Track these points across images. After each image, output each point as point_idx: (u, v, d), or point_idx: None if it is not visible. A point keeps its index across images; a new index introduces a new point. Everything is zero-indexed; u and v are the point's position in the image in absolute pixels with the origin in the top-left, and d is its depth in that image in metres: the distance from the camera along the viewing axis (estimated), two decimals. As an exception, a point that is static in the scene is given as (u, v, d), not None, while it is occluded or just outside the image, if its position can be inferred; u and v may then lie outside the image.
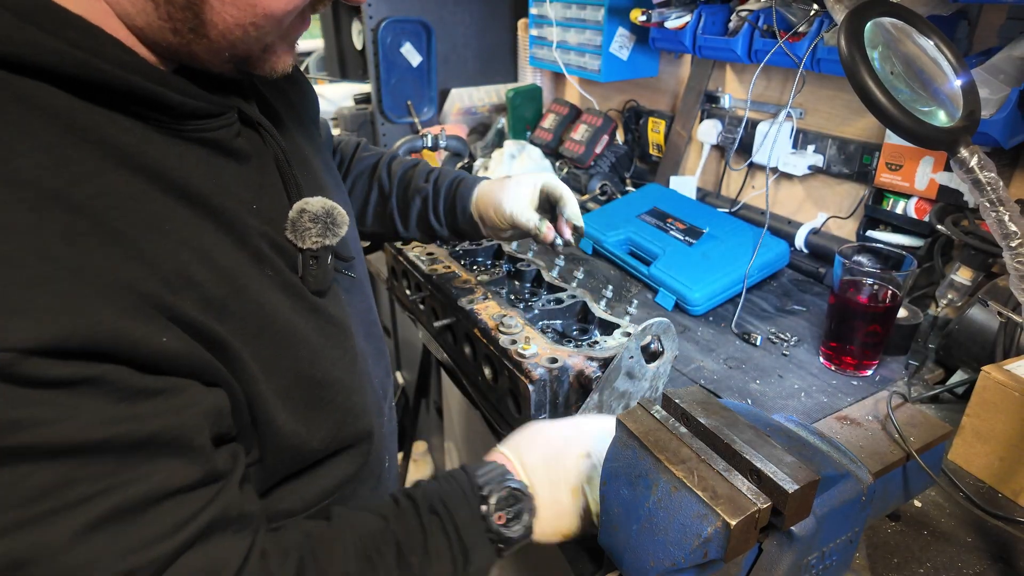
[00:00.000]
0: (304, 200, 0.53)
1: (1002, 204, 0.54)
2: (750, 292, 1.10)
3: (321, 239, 0.52)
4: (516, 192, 0.78)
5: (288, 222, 0.51)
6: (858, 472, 0.55)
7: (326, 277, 0.54)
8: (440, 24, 1.74)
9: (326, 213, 0.52)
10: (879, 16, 0.58)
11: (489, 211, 0.79)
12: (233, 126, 0.50)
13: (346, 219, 0.54)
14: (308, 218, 0.51)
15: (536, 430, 0.59)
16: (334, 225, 0.53)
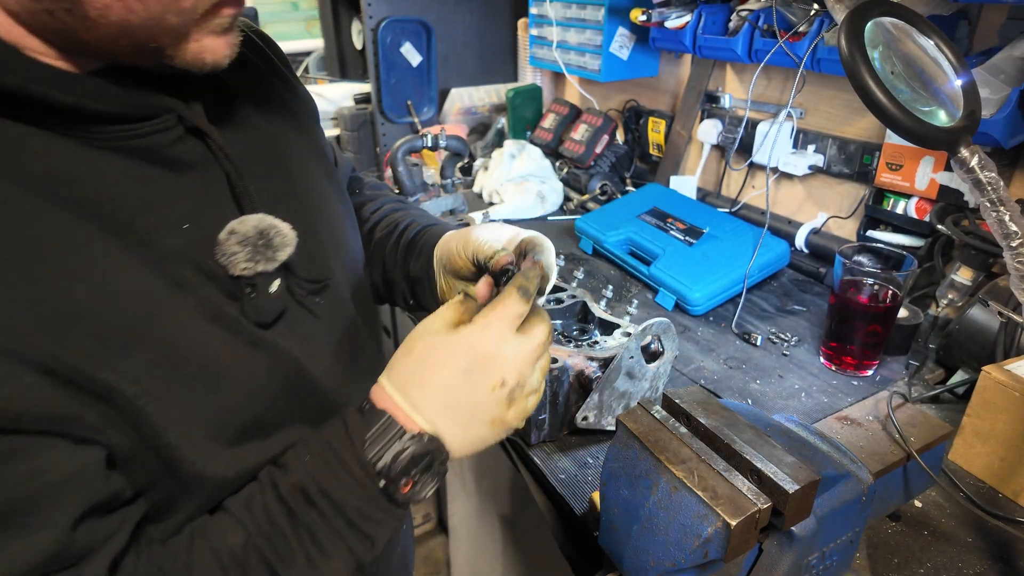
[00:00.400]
0: (240, 219, 0.46)
1: (1002, 204, 0.54)
2: (750, 292, 1.10)
3: (251, 265, 0.45)
4: (493, 230, 0.62)
5: (217, 244, 0.45)
6: (858, 472, 0.55)
7: (270, 307, 0.47)
8: (440, 24, 1.74)
9: (259, 235, 0.45)
10: (879, 16, 0.58)
11: (451, 247, 0.63)
12: (170, 131, 0.44)
13: (290, 240, 0.47)
14: (236, 240, 0.44)
15: (420, 359, 0.46)
16: (269, 248, 0.46)
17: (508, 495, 1.09)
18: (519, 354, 0.46)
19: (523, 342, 0.47)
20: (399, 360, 0.47)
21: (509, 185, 1.50)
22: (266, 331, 0.47)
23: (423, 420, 0.45)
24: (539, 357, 0.48)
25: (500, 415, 0.47)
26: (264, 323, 0.47)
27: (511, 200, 1.46)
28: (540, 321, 0.48)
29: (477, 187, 1.61)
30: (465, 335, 0.46)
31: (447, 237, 0.66)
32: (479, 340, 0.46)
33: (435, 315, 0.48)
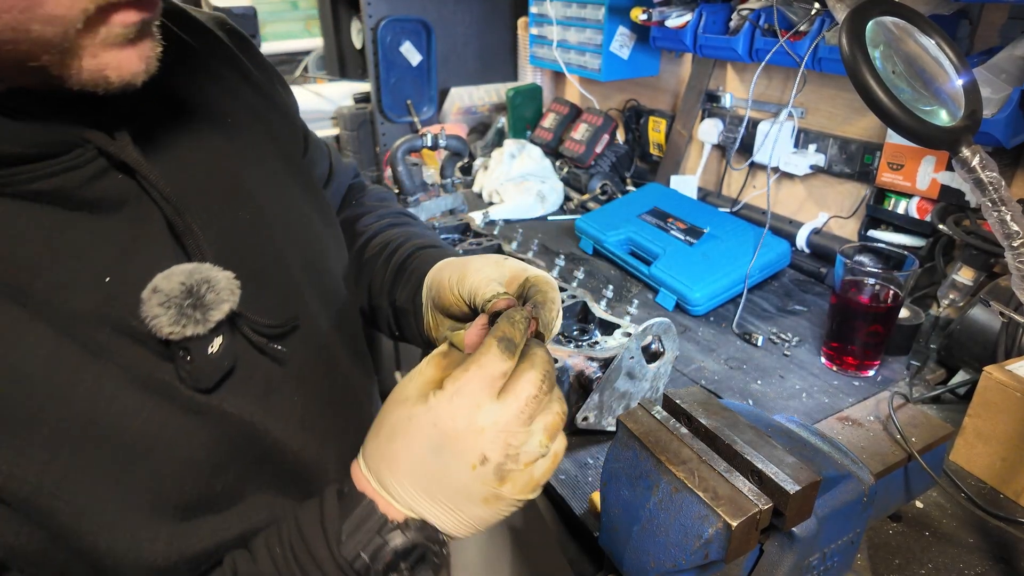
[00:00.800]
0: (167, 272, 0.39)
1: (1004, 204, 0.54)
2: (751, 292, 1.10)
3: (177, 328, 0.38)
4: (494, 265, 0.52)
5: (140, 303, 0.38)
6: (859, 473, 0.55)
7: (209, 369, 0.40)
8: (440, 23, 1.74)
9: (186, 293, 0.38)
10: (880, 15, 0.58)
11: (443, 279, 0.54)
12: (84, 168, 0.37)
13: (229, 295, 0.40)
14: (158, 302, 0.37)
15: (391, 435, 0.40)
16: (199, 308, 0.39)
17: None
18: (499, 423, 0.38)
19: (504, 407, 0.38)
20: (372, 435, 0.41)
21: (509, 185, 1.49)
22: (208, 395, 0.41)
23: (403, 507, 0.39)
24: (533, 416, 0.39)
25: (493, 493, 0.39)
26: (204, 388, 0.41)
27: (511, 200, 1.46)
28: (529, 369, 0.39)
29: (477, 187, 1.61)
30: (432, 406, 0.38)
31: (441, 266, 0.56)
32: (446, 413, 0.38)
33: (412, 375, 0.42)
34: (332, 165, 0.71)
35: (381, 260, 0.64)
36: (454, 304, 0.53)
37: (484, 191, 1.55)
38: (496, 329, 0.41)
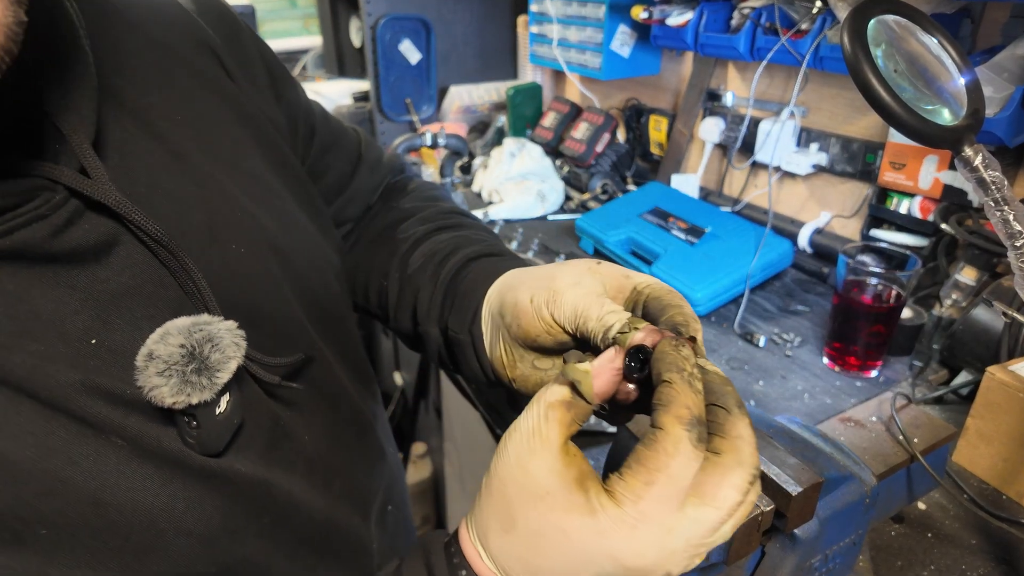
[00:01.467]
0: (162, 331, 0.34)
1: (1007, 203, 0.54)
2: (753, 292, 1.10)
3: (181, 397, 0.33)
4: (587, 275, 0.40)
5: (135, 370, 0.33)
6: (861, 474, 0.54)
7: (219, 432, 0.36)
8: (439, 21, 1.74)
9: (188, 356, 0.33)
10: (882, 13, 0.58)
11: (523, 304, 0.41)
12: (55, 215, 0.31)
13: (235, 350, 0.36)
14: (156, 371, 0.33)
15: (531, 541, 0.31)
16: (204, 372, 0.34)
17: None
18: (692, 539, 0.30)
19: (699, 521, 0.29)
20: (498, 526, 0.32)
21: (509, 184, 1.49)
22: (219, 458, 0.37)
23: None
24: (725, 522, 0.30)
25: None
26: (214, 453, 0.37)
27: (511, 199, 1.46)
28: (734, 467, 0.29)
29: (477, 186, 1.60)
30: (606, 531, 0.29)
31: (511, 283, 0.44)
32: (630, 547, 0.29)
33: (534, 442, 0.31)
34: (359, 166, 0.62)
35: (427, 276, 0.52)
36: (545, 333, 0.40)
37: (484, 190, 1.55)
38: (673, 404, 0.29)
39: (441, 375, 1.43)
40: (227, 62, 0.46)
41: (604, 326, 0.36)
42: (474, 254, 0.52)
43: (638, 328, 0.35)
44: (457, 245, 0.54)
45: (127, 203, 0.34)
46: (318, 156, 0.57)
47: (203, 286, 0.37)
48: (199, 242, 0.39)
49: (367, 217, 0.64)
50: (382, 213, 0.63)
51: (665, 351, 0.32)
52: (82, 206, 0.33)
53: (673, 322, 0.36)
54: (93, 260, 0.33)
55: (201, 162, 0.40)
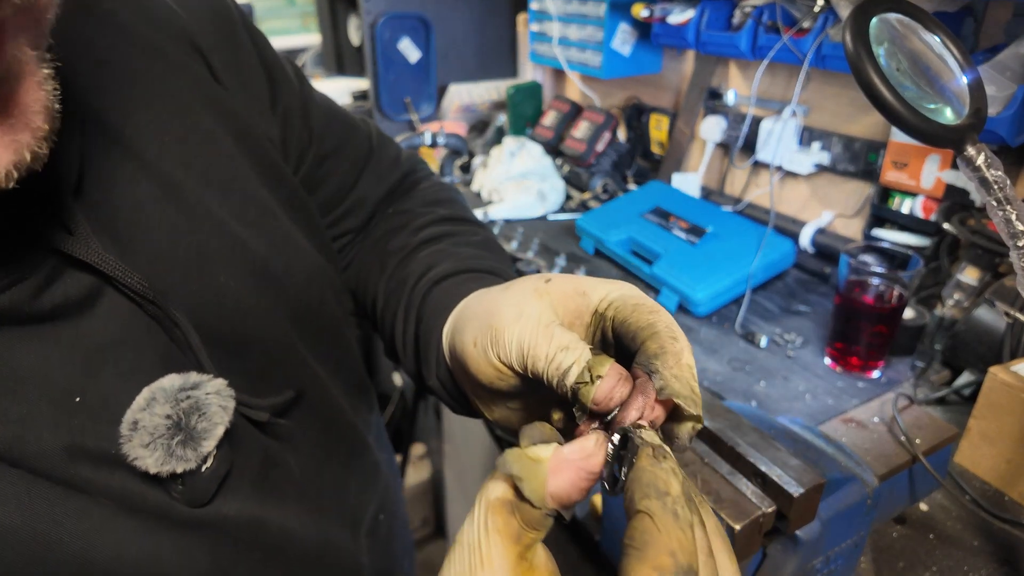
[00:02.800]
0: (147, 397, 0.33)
1: (1009, 203, 0.53)
2: (755, 292, 1.09)
3: (166, 468, 0.33)
4: (531, 301, 0.33)
5: (120, 437, 0.33)
6: (863, 475, 0.54)
7: (203, 487, 0.35)
8: (439, 19, 1.73)
9: (174, 427, 0.33)
10: (885, 12, 0.57)
11: (468, 349, 0.35)
12: (36, 275, 0.31)
13: (223, 414, 0.35)
14: (141, 442, 0.32)
15: None
16: (190, 443, 0.33)
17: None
18: None
19: None
20: None
21: (509, 183, 1.49)
22: (202, 509, 0.36)
23: None
24: None
25: None
26: (200, 504, 0.36)
27: (511, 199, 1.46)
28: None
29: (476, 185, 1.60)
30: None
31: (458, 322, 0.38)
32: None
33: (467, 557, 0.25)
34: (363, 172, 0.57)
35: (401, 307, 0.48)
36: (497, 379, 0.34)
37: (484, 190, 1.54)
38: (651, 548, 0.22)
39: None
40: (217, 67, 0.43)
41: (558, 371, 0.29)
42: (438, 276, 0.46)
43: (600, 376, 0.28)
44: (429, 265, 0.48)
45: (109, 260, 0.32)
46: (316, 165, 0.53)
47: (192, 336, 0.36)
48: (186, 276, 0.37)
49: (370, 226, 0.59)
50: (381, 222, 0.58)
51: (642, 467, 0.24)
52: (63, 263, 0.32)
53: (647, 355, 0.28)
54: (77, 314, 0.32)
55: (190, 188, 0.39)
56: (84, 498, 0.32)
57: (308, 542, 0.43)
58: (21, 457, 0.30)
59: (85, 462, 0.32)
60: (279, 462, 0.42)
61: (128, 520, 0.33)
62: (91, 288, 0.33)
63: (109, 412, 0.33)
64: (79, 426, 0.32)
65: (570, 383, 0.29)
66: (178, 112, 0.39)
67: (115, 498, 0.33)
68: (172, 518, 0.35)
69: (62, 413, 0.31)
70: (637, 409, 0.28)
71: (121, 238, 0.35)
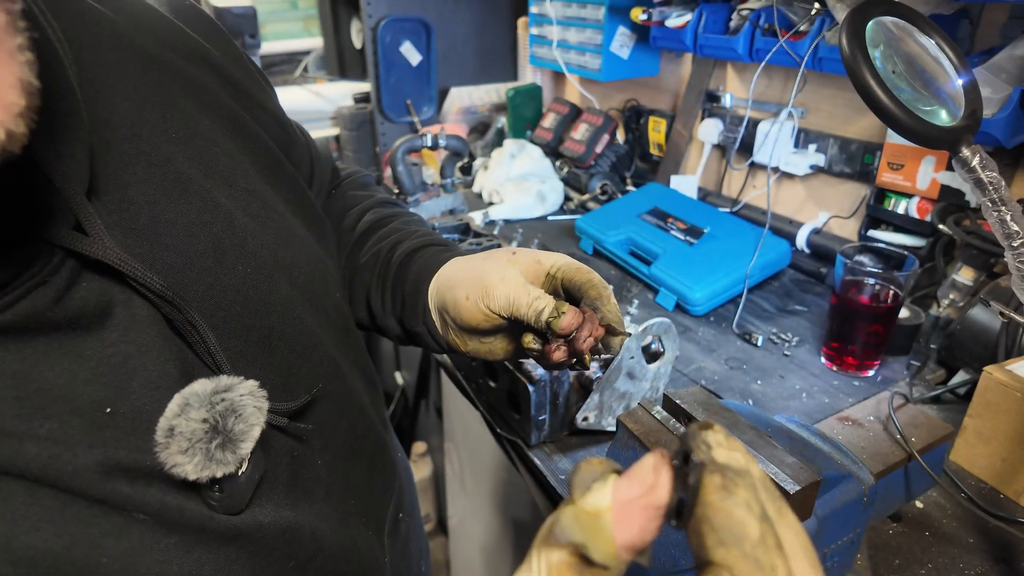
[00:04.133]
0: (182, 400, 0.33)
1: (1004, 204, 0.54)
2: (751, 292, 1.10)
3: (206, 473, 0.33)
4: (508, 265, 0.48)
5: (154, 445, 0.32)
6: (859, 473, 0.55)
7: (241, 493, 0.36)
8: (440, 23, 1.74)
9: (212, 431, 0.33)
10: (881, 15, 0.58)
11: (460, 300, 0.48)
12: (55, 279, 0.30)
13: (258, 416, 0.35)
14: (179, 448, 0.32)
15: None
16: (228, 445, 0.33)
17: (508, 496, 1.08)
18: None
19: None
20: None
21: (509, 185, 1.49)
22: (238, 518, 0.36)
23: None
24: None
25: None
26: (237, 512, 0.36)
27: (511, 200, 1.46)
28: None
29: (477, 187, 1.61)
30: None
31: (448, 282, 0.50)
32: None
33: None
34: (312, 159, 0.61)
35: (376, 275, 0.57)
36: (484, 322, 0.48)
37: (484, 191, 1.55)
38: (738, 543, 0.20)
39: (442, 375, 1.43)
40: (223, 72, 0.45)
41: (535, 311, 0.45)
42: (411, 248, 0.56)
43: (564, 312, 0.44)
44: (397, 240, 0.58)
45: (128, 260, 0.32)
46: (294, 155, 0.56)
47: (209, 339, 0.35)
48: (208, 270, 0.37)
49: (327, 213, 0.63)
50: (328, 204, 0.63)
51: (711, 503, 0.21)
52: (79, 265, 0.32)
53: (590, 298, 0.45)
54: (98, 324, 0.32)
55: (201, 184, 0.39)
56: (121, 517, 0.31)
57: (336, 547, 0.43)
58: (56, 477, 0.29)
59: (121, 477, 0.31)
60: (307, 464, 0.42)
61: (167, 537, 0.33)
62: (110, 292, 0.33)
63: (141, 422, 0.32)
64: (112, 439, 0.31)
65: (545, 318, 0.44)
66: (177, 113, 0.40)
67: (152, 514, 0.32)
68: (211, 530, 0.34)
69: (93, 426, 0.31)
70: (589, 330, 0.44)
71: (139, 237, 0.35)
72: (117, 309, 0.33)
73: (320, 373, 0.45)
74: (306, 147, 0.59)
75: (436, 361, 1.17)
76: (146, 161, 0.37)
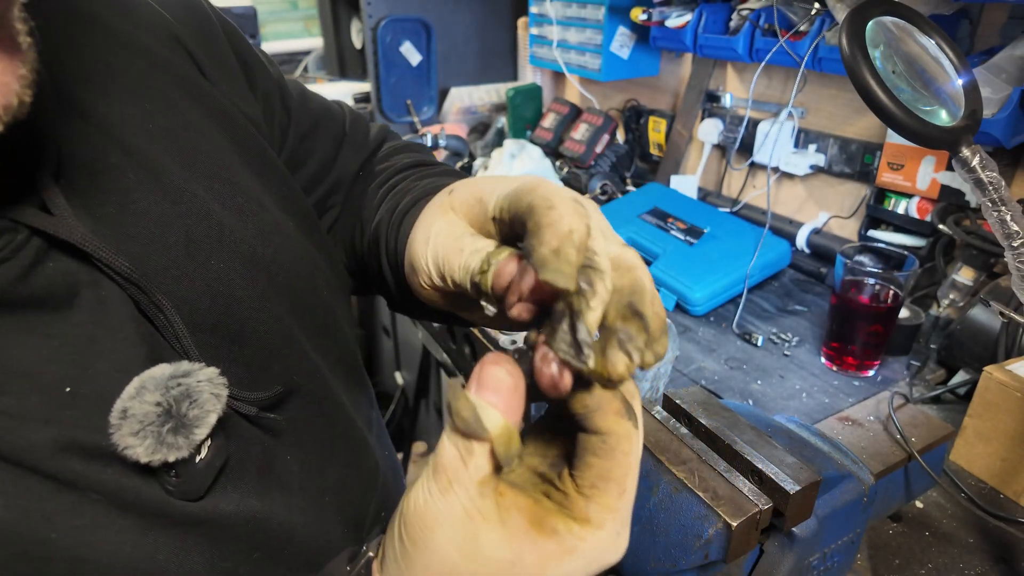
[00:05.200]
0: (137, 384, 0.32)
1: (1004, 204, 0.54)
2: (751, 292, 1.10)
3: (158, 456, 0.32)
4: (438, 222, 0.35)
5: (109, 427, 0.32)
6: (860, 473, 0.55)
7: (199, 479, 0.35)
8: (440, 23, 1.74)
9: (164, 414, 0.32)
10: (881, 15, 0.58)
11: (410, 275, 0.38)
12: (19, 256, 0.30)
13: (215, 401, 0.34)
14: (130, 430, 0.32)
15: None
16: (181, 430, 0.33)
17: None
18: None
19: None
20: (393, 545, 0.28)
21: (509, 185, 1.49)
22: (201, 501, 0.35)
23: None
24: None
25: None
26: (196, 498, 0.35)
27: (511, 200, 1.46)
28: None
29: (477, 187, 1.60)
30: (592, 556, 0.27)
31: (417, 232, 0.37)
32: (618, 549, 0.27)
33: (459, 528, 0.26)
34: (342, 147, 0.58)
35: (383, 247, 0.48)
36: (438, 298, 0.36)
37: (484, 191, 1.55)
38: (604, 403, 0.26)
39: (442, 375, 1.43)
40: (200, 58, 0.44)
41: (467, 270, 0.31)
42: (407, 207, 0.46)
43: (498, 259, 0.29)
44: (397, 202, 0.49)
45: (93, 241, 0.32)
46: (297, 143, 0.54)
47: (176, 322, 0.35)
48: (176, 262, 0.37)
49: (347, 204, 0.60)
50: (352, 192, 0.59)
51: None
52: (46, 245, 0.32)
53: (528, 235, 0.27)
54: (66, 304, 0.32)
55: (177, 175, 0.39)
56: (75, 495, 0.31)
57: (309, 541, 0.43)
58: (9, 450, 0.29)
59: (76, 456, 0.31)
60: (278, 457, 0.42)
61: (121, 518, 0.32)
62: (77, 273, 0.33)
63: (102, 403, 0.32)
64: (70, 418, 0.31)
65: (473, 279, 0.30)
66: (163, 105, 0.40)
67: (107, 494, 0.32)
68: (168, 515, 0.34)
69: (53, 404, 0.31)
70: (515, 293, 0.28)
71: (105, 224, 0.34)
72: (85, 291, 0.33)
73: (294, 370, 0.44)
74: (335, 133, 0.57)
75: (436, 361, 1.17)
76: (120, 151, 0.37)
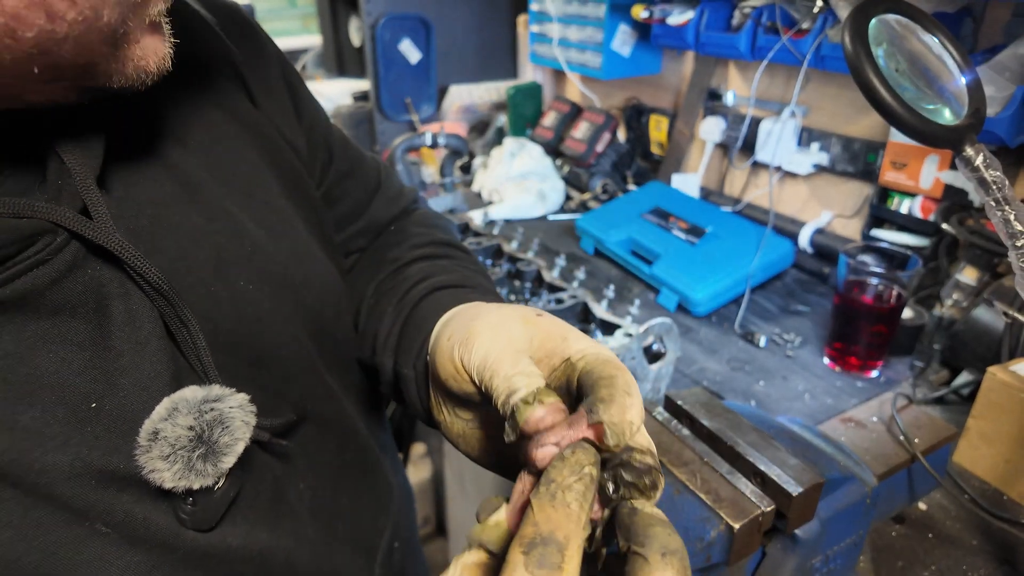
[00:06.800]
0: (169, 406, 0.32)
1: (1008, 203, 0.53)
2: (754, 292, 1.09)
3: (183, 483, 0.32)
4: (518, 323, 0.34)
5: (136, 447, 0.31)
6: (862, 474, 0.54)
7: (215, 507, 0.34)
8: (439, 20, 1.73)
9: (196, 440, 0.32)
10: (884, 13, 0.58)
11: (443, 342, 0.36)
12: (56, 260, 0.30)
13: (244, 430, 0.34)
14: (160, 453, 0.31)
15: None
16: (210, 457, 0.32)
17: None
18: None
19: None
20: None
21: (509, 184, 1.49)
22: (211, 532, 0.35)
23: None
24: None
25: None
26: (207, 528, 0.34)
27: (511, 199, 1.46)
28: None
29: (477, 186, 1.60)
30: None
31: (450, 317, 0.40)
32: None
33: None
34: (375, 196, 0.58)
35: (392, 305, 0.47)
36: (452, 378, 0.35)
37: (484, 190, 1.55)
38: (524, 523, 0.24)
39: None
40: (250, 82, 0.44)
41: (509, 388, 0.30)
42: (440, 284, 0.47)
43: (542, 402, 0.29)
44: (428, 274, 0.49)
45: (129, 248, 0.31)
46: (336, 181, 0.54)
47: (199, 340, 0.34)
48: (204, 279, 0.36)
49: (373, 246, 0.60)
50: (381, 239, 0.60)
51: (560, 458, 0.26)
52: (83, 249, 0.31)
53: (595, 398, 0.28)
54: (96, 315, 0.31)
55: (213, 192, 0.38)
56: (84, 526, 0.30)
57: (314, 573, 0.41)
58: (22, 474, 0.28)
59: (89, 482, 0.30)
60: (290, 486, 0.41)
61: (128, 553, 0.31)
62: (110, 283, 0.32)
63: (124, 422, 0.31)
64: (90, 437, 0.30)
65: (514, 401, 0.29)
66: (204, 122, 0.40)
67: (117, 525, 0.31)
68: (176, 548, 0.33)
69: (75, 421, 0.30)
70: (557, 435, 0.28)
71: (136, 237, 0.34)
72: (115, 302, 0.32)
73: (310, 396, 0.43)
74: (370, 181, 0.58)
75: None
76: (159, 164, 0.37)
